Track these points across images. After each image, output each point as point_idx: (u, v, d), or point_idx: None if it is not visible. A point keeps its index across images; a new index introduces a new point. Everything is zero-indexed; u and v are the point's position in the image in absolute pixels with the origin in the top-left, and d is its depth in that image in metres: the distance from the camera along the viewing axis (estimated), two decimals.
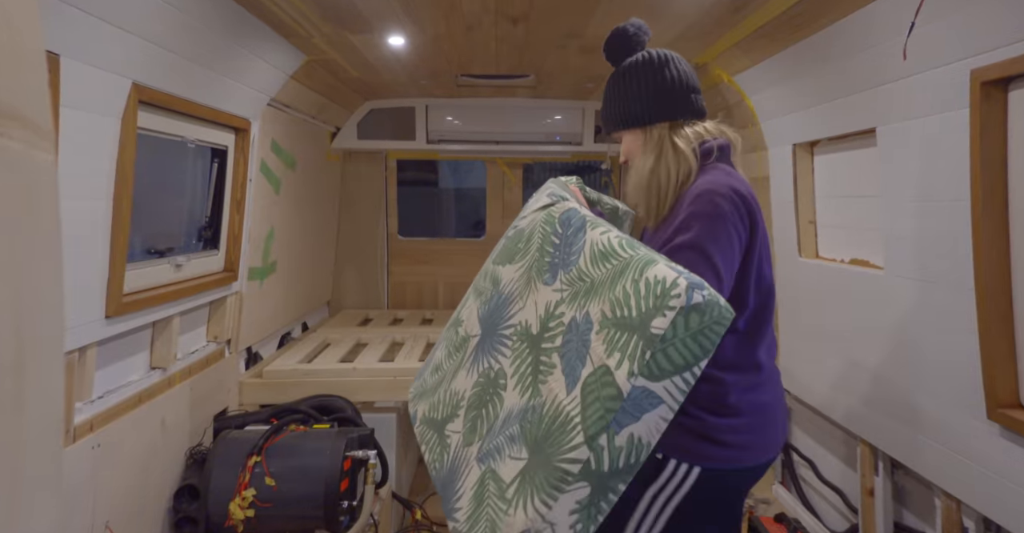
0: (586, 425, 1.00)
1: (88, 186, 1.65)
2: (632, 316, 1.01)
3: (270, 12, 2.06)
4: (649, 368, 0.98)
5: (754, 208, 1.28)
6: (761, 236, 1.29)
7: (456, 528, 1.13)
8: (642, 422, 0.98)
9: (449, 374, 1.35)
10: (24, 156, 0.41)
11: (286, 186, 3.04)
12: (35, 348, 0.43)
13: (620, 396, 0.97)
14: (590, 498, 0.99)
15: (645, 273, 1.03)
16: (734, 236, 1.22)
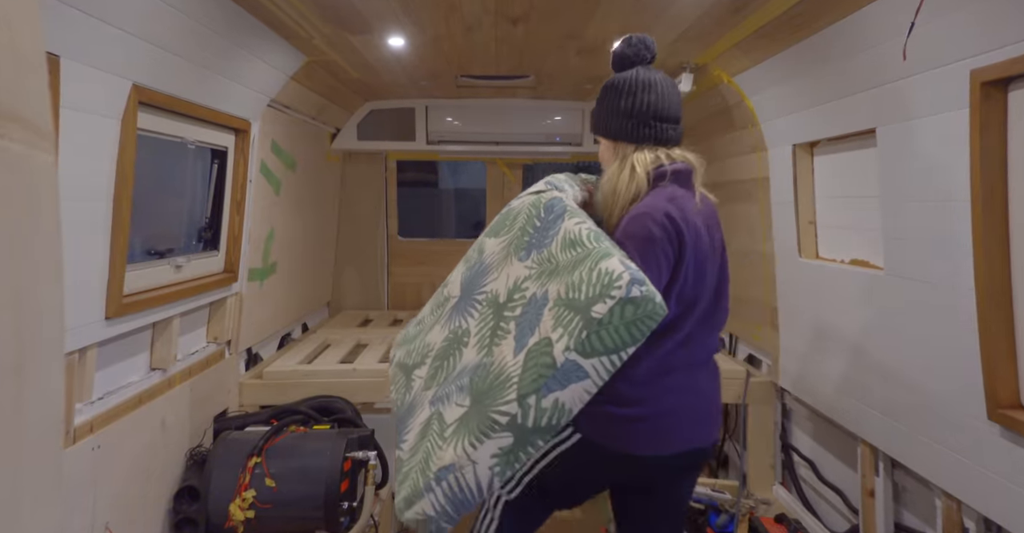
0: (521, 385, 1.18)
1: (88, 187, 1.65)
2: (580, 299, 1.19)
3: (270, 13, 2.06)
4: (583, 345, 1.16)
5: (683, 230, 1.40)
6: (689, 255, 1.41)
7: (400, 456, 1.34)
8: (567, 391, 1.16)
9: (427, 327, 1.53)
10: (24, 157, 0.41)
11: (286, 187, 3.04)
12: (35, 349, 0.43)
13: (554, 366, 1.16)
14: (511, 447, 1.17)
15: (600, 264, 1.20)
16: (661, 257, 1.37)
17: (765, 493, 2.70)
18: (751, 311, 2.95)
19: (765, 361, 2.88)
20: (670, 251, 1.38)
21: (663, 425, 1.43)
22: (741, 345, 3.13)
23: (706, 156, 3.44)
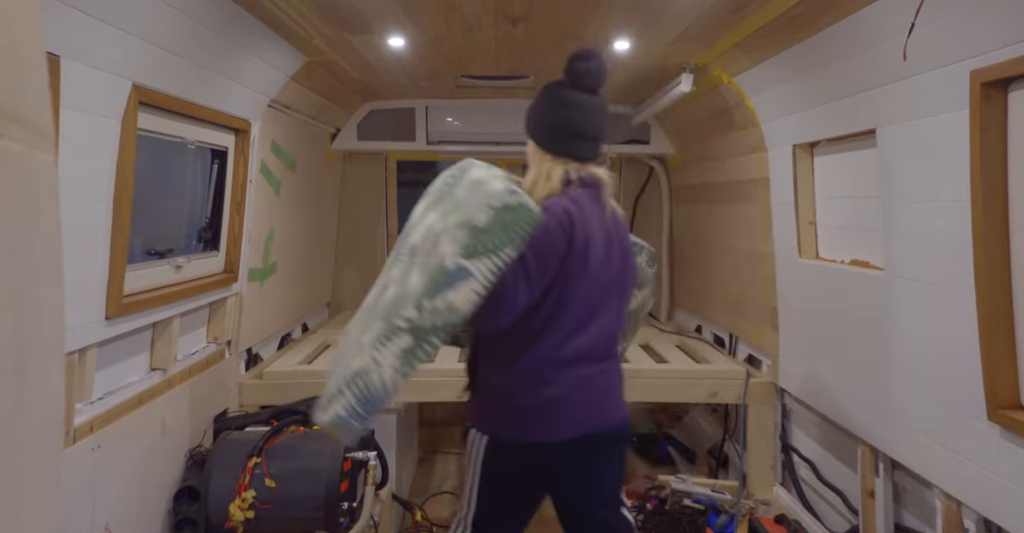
0: (417, 293, 1.39)
1: (88, 187, 1.65)
2: (467, 216, 1.41)
3: (270, 13, 2.06)
4: (466, 249, 1.37)
5: (575, 228, 1.54)
6: (578, 253, 1.54)
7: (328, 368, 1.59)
8: (457, 291, 1.36)
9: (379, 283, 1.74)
10: (25, 157, 0.41)
11: (286, 187, 3.04)
12: (35, 349, 0.43)
13: (444, 271, 1.37)
14: (411, 347, 1.38)
15: (486, 188, 1.45)
16: (550, 247, 1.52)
17: (765, 494, 2.70)
18: (751, 312, 2.95)
19: (765, 361, 2.88)
20: (561, 244, 1.52)
21: (546, 413, 1.58)
22: (741, 345, 3.13)
23: (706, 156, 3.45)
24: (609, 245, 1.61)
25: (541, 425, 1.58)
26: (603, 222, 1.61)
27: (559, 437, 1.59)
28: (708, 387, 2.78)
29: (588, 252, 1.56)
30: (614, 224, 1.65)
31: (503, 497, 1.67)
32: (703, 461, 3.36)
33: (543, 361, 1.57)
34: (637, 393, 2.84)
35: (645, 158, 4.11)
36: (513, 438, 1.61)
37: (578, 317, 1.57)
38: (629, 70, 2.91)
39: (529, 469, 1.64)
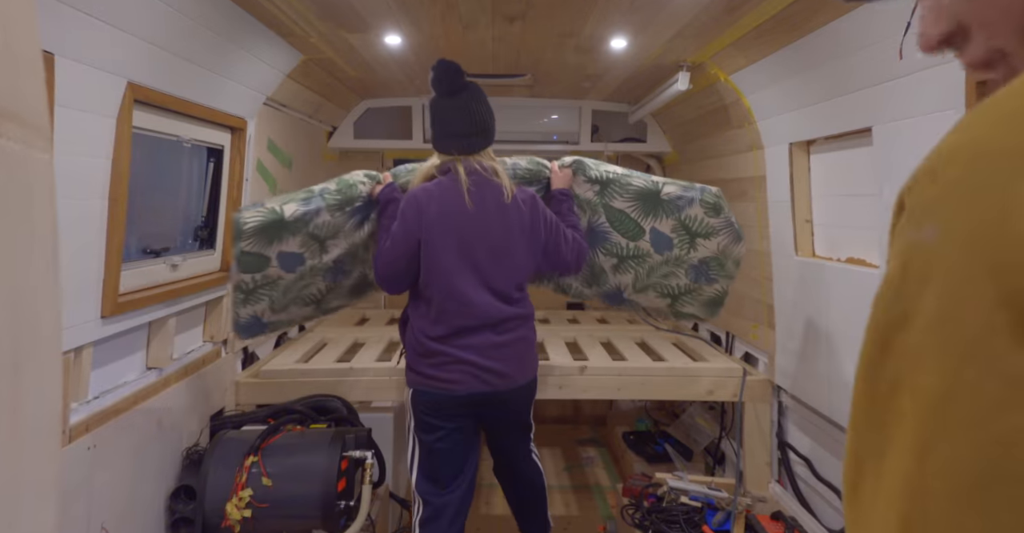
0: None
1: (83, 186, 1.64)
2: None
3: (266, 11, 2.05)
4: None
5: (421, 206, 2.00)
6: (433, 229, 1.98)
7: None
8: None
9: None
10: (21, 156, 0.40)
11: (283, 185, 3.03)
12: (32, 349, 0.43)
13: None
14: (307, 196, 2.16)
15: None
16: (401, 227, 2.01)
17: (761, 491, 2.71)
18: (748, 309, 2.96)
19: (762, 359, 2.89)
20: (411, 223, 1.99)
21: (450, 374, 2.00)
22: (738, 343, 3.14)
23: (703, 154, 3.45)
24: (484, 218, 2.01)
25: (445, 384, 2.05)
26: (460, 198, 2.00)
27: (462, 392, 2.05)
28: (705, 385, 2.78)
29: (444, 227, 1.98)
30: (481, 208, 2.01)
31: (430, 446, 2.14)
32: (700, 458, 3.37)
33: (442, 329, 2.04)
34: (634, 391, 2.85)
35: (642, 156, 4.12)
36: (431, 390, 2.08)
37: (458, 286, 2.00)
38: (626, 68, 2.91)
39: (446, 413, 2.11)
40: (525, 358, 2.09)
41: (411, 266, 2.00)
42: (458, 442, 2.07)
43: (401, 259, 1.99)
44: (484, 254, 2.00)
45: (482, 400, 2.02)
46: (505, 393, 2.04)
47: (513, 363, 2.04)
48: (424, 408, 2.05)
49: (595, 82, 3.28)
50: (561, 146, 3.95)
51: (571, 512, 3.31)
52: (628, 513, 2.41)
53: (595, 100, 3.82)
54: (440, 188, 2.01)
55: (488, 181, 2.04)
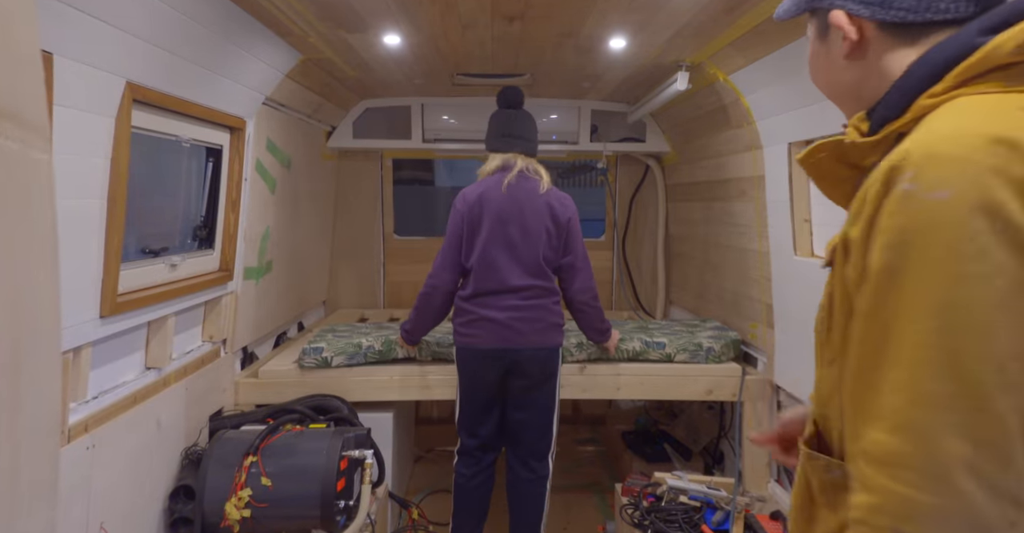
0: None
1: (82, 185, 1.64)
2: None
3: (265, 10, 2.05)
4: None
5: (467, 196, 2.47)
6: (476, 218, 2.43)
7: None
8: None
9: None
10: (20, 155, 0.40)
11: (282, 185, 3.03)
12: (32, 349, 0.43)
13: None
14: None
15: None
16: (458, 218, 2.46)
17: (760, 490, 2.71)
18: (747, 309, 2.96)
19: (760, 359, 2.89)
20: (459, 210, 2.46)
21: (476, 330, 2.42)
22: None
23: (702, 154, 3.47)
24: (520, 208, 2.40)
25: (473, 337, 2.46)
26: (500, 185, 2.42)
27: (484, 346, 2.44)
28: (704, 384, 2.78)
29: (485, 217, 2.40)
30: (516, 195, 2.42)
31: (468, 392, 2.58)
32: (699, 458, 3.37)
33: (475, 293, 2.45)
34: (633, 390, 2.84)
35: (641, 156, 4.12)
36: (463, 344, 2.51)
37: (491, 261, 2.40)
38: (625, 68, 2.91)
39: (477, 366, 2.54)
40: (541, 324, 2.42)
41: (458, 251, 2.45)
42: (482, 400, 2.51)
43: (453, 244, 2.44)
44: (516, 230, 2.39)
45: (500, 355, 2.40)
46: (521, 352, 2.40)
47: (528, 325, 2.40)
48: (459, 361, 2.50)
49: (594, 82, 3.28)
50: (560, 146, 3.95)
51: (570, 512, 3.31)
52: (627, 512, 2.41)
53: (594, 100, 3.82)
54: (485, 183, 2.47)
55: (528, 177, 2.46)
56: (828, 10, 0.80)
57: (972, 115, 0.64)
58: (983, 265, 0.57)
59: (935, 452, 0.59)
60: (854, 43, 0.77)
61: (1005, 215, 0.57)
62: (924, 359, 0.59)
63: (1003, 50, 0.65)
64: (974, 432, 0.58)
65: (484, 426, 2.55)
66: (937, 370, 0.59)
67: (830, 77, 0.82)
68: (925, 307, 0.59)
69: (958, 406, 0.58)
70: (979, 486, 0.58)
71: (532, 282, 2.41)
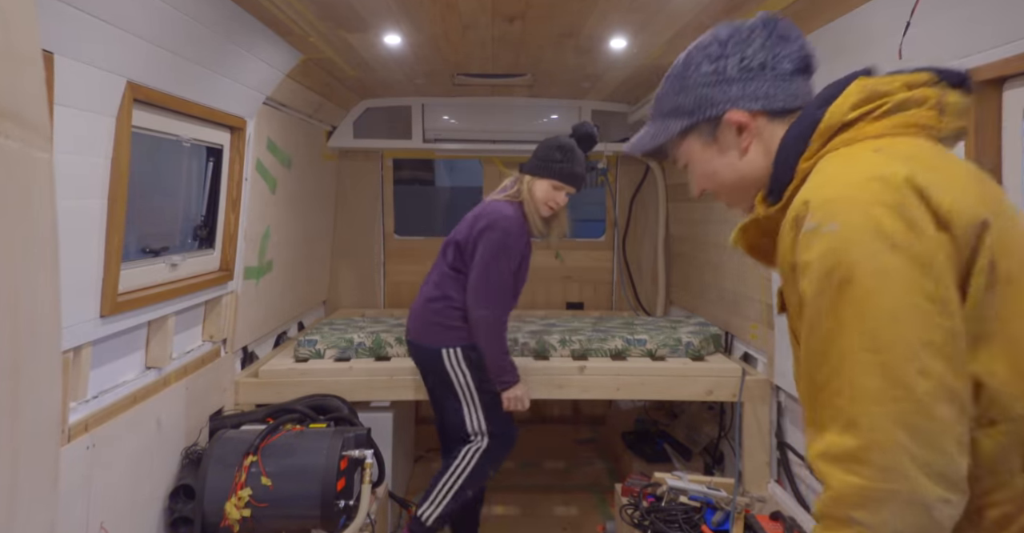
0: None
1: (83, 185, 1.64)
2: None
3: (266, 10, 2.05)
4: None
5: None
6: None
7: None
8: None
9: None
10: (21, 155, 0.40)
11: (282, 185, 3.03)
12: (32, 349, 0.43)
13: None
14: None
15: None
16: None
17: (760, 491, 2.71)
18: (747, 309, 2.96)
19: (761, 359, 2.89)
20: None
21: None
22: (737, 343, 3.14)
23: None
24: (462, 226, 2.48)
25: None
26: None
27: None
28: (704, 385, 2.78)
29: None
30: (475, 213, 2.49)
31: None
32: (699, 458, 3.37)
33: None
34: (633, 390, 2.85)
35: (641, 156, 4.12)
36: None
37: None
38: (625, 68, 2.91)
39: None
40: (419, 321, 2.50)
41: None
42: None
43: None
44: (442, 247, 2.53)
45: (408, 345, 2.57)
46: (410, 343, 2.54)
47: (413, 321, 2.52)
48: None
49: (595, 82, 3.28)
50: None
51: (570, 512, 3.31)
52: (627, 513, 2.41)
53: (595, 100, 3.82)
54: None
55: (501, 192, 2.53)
56: (721, 115, 0.92)
57: (843, 165, 0.80)
58: (883, 277, 0.70)
59: (880, 443, 0.68)
60: (752, 135, 0.91)
61: (890, 233, 0.70)
62: (854, 363, 0.70)
63: (836, 117, 0.84)
64: (906, 419, 0.68)
65: (437, 421, 2.64)
66: (865, 369, 0.69)
67: (734, 175, 0.94)
68: (847, 320, 0.71)
69: (887, 398, 0.68)
70: (920, 470, 0.67)
71: (430, 288, 2.50)
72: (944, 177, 0.75)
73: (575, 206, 2.66)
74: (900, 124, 0.82)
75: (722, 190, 0.98)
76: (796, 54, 0.93)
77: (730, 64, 0.91)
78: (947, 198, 0.72)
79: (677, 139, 0.97)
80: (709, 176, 0.97)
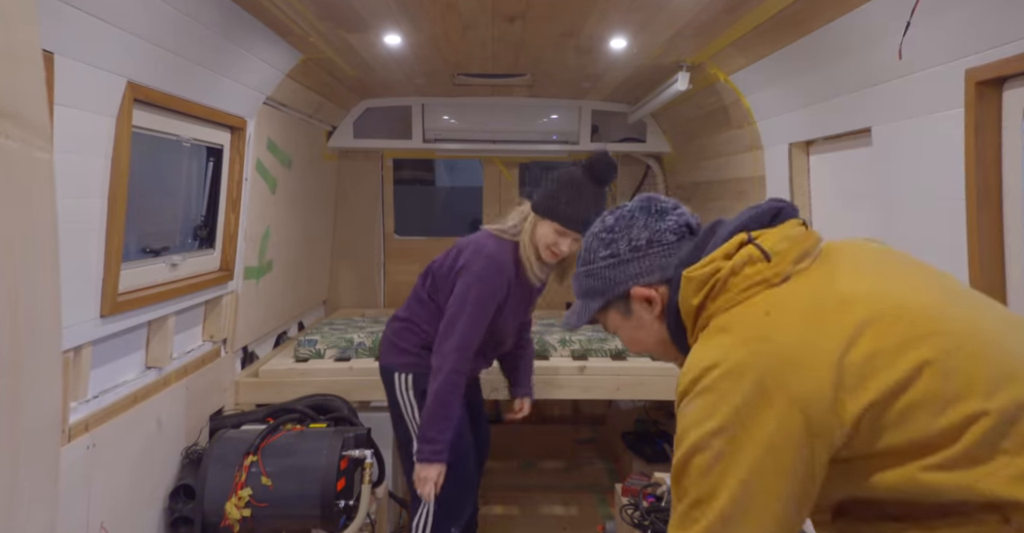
0: None
1: (83, 185, 1.64)
2: None
3: (266, 10, 2.05)
4: None
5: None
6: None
7: None
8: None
9: None
10: (21, 155, 0.40)
11: (282, 185, 3.03)
12: (32, 348, 0.43)
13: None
14: None
15: None
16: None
17: None
18: None
19: None
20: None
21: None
22: None
23: (702, 154, 3.45)
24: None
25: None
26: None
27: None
28: None
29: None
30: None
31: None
32: None
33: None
34: (633, 390, 2.85)
35: (641, 156, 4.12)
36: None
37: None
38: (625, 68, 2.91)
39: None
40: (385, 339, 2.34)
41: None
42: None
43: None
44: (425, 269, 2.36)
45: None
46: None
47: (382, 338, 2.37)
48: None
49: (595, 82, 3.28)
50: (560, 146, 3.95)
51: (570, 512, 3.31)
52: (627, 513, 2.41)
53: (595, 100, 3.82)
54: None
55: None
56: (627, 292, 1.02)
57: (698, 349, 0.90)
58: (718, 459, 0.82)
59: None
60: (660, 307, 1.01)
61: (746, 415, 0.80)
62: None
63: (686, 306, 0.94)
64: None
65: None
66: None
67: (655, 339, 1.05)
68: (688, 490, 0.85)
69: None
70: None
71: (403, 306, 2.38)
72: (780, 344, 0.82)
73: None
74: (740, 289, 0.89)
75: (651, 351, 1.10)
76: (675, 224, 1.02)
77: (621, 247, 1.02)
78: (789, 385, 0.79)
79: (600, 314, 1.09)
80: (636, 342, 1.10)
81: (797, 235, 0.93)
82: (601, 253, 1.04)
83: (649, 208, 1.04)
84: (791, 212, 0.97)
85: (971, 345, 0.79)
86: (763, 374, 0.80)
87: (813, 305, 0.85)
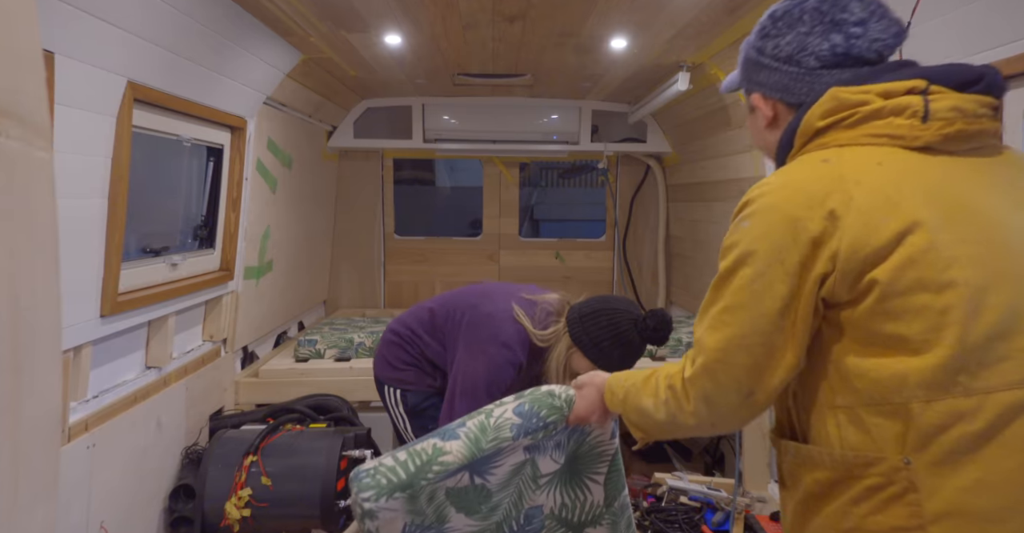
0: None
1: (83, 185, 1.64)
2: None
3: (267, 10, 2.05)
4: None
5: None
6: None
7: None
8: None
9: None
10: (21, 154, 0.40)
11: (282, 185, 3.03)
12: (32, 348, 0.43)
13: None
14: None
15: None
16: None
17: (761, 491, 2.71)
18: None
19: None
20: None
21: None
22: None
23: (702, 154, 3.45)
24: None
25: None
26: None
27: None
28: None
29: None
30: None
31: None
32: (699, 459, 3.37)
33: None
34: None
35: (642, 156, 4.12)
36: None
37: None
38: (626, 68, 2.91)
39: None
40: (379, 349, 2.22)
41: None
42: None
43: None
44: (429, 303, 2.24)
45: None
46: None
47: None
48: None
49: (595, 82, 3.28)
50: (561, 146, 3.95)
51: None
52: None
53: (595, 100, 3.82)
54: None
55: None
56: (749, 93, 1.03)
57: (791, 170, 0.91)
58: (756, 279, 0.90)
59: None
60: (769, 118, 1.00)
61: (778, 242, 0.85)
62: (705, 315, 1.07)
63: (808, 124, 0.91)
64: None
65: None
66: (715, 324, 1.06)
67: (759, 139, 1.06)
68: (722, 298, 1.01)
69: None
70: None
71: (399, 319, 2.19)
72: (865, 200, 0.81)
73: (575, 206, 2.63)
74: (870, 133, 0.85)
75: (759, 148, 1.10)
76: (831, 50, 0.91)
77: (767, 47, 0.97)
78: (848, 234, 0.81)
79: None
80: (752, 132, 1.08)
81: (974, 112, 0.83)
82: (754, 40, 1.01)
83: (823, 14, 0.92)
84: (994, 87, 0.86)
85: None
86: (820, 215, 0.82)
87: (907, 190, 0.81)
